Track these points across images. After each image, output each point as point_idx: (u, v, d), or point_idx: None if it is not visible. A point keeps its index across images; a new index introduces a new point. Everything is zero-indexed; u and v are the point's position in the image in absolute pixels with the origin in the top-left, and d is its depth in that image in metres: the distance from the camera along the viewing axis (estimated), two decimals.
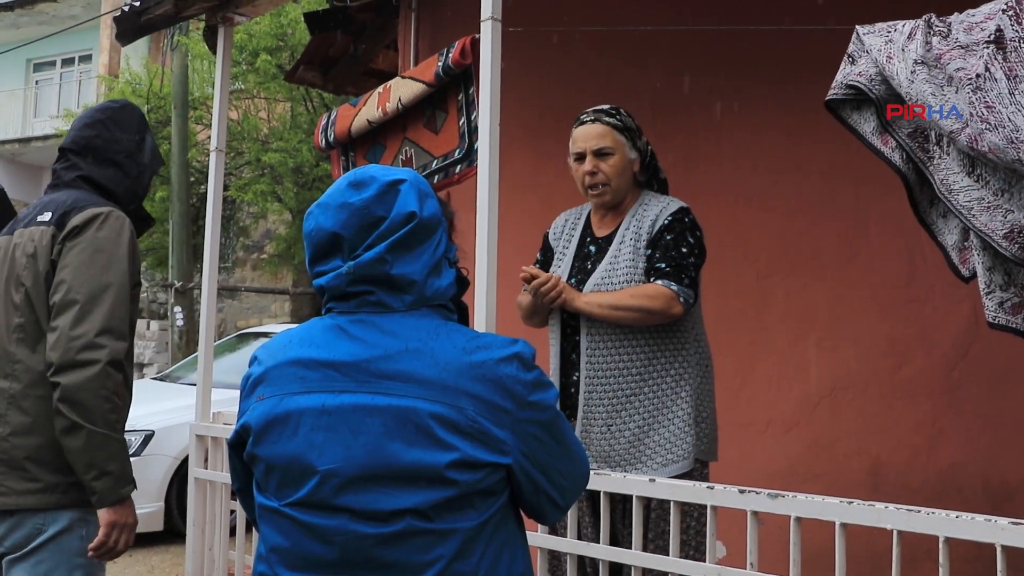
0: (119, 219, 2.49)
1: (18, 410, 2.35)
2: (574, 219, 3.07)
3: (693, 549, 2.69)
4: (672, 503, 2.49)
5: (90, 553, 2.37)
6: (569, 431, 1.63)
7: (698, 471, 2.80)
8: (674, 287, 2.72)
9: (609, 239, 2.91)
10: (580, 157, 2.91)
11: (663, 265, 2.76)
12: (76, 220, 2.42)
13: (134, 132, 2.69)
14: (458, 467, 1.44)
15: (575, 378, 2.85)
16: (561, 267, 2.97)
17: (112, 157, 2.63)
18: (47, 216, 2.47)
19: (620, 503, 2.75)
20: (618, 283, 2.80)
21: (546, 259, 3.08)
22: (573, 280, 2.90)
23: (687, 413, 2.76)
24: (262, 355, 1.61)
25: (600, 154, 2.87)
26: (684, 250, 2.78)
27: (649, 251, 2.81)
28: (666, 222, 2.82)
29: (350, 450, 1.45)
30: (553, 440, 1.56)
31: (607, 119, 2.90)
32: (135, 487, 2.42)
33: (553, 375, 2.90)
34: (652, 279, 2.76)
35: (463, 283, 1.66)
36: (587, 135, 2.89)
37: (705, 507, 2.73)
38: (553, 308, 2.87)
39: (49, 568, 2.32)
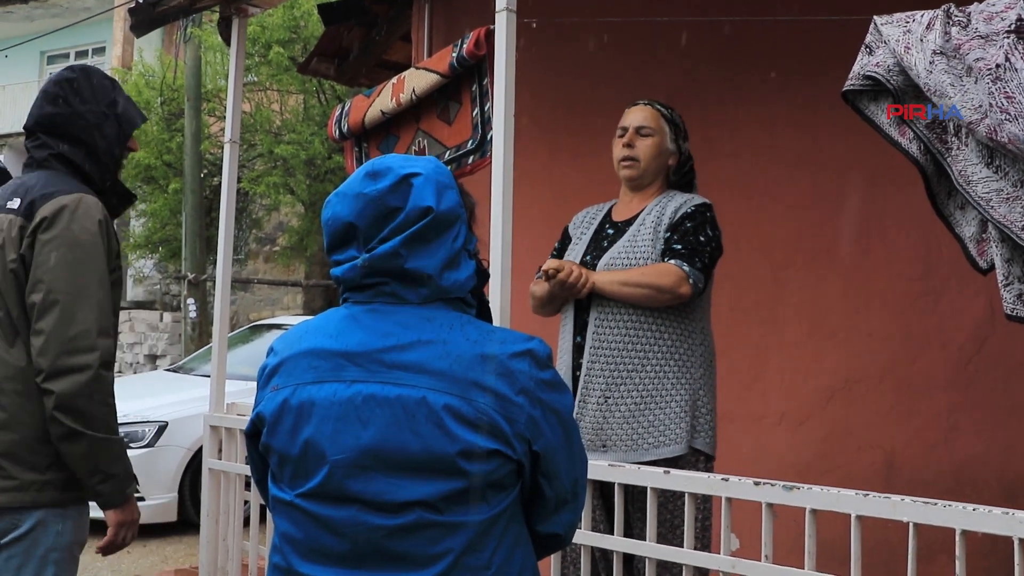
0: (90, 206, 2.31)
1: None
2: (596, 211, 3.13)
3: (698, 541, 2.69)
4: (687, 495, 2.49)
5: (96, 550, 2.31)
6: (580, 449, 1.60)
7: (702, 463, 2.80)
8: (686, 267, 2.75)
9: (629, 222, 2.95)
10: (622, 133, 3.01)
11: (679, 247, 2.80)
12: (45, 211, 2.25)
13: (97, 101, 2.46)
14: (467, 458, 1.44)
15: (579, 361, 2.86)
16: (577, 248, 3.01)
17: (77, 134, 2.42)
18: (15, 203, 2.29)
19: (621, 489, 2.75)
20: (634, 262, 2.82)
21: (562, 248, 3.10)
22: (587, 257, 2.93)
23: (684, 399, 2.77)
24: (278, 346, 1.61)
25: (640, 132, 2.97)
26: (702, 238, 2.82)
27: (668, 234, 2.84)
28: (688, 211, 2.87)
29: (360, 440, 1.45)
30: (562, 447, 1.54)
31: (658, 106, 3.03)
32: (137, 483, 2.29)
33: (562, 356, 2.91)
34: (665, 259, 2.79)
35: (483, 275, 1.62)
36: (634, 114, 3.02)
37: (708, 499, 2.74)
38: (571, 296, 2.87)
39: (20, 563, 2.21)
